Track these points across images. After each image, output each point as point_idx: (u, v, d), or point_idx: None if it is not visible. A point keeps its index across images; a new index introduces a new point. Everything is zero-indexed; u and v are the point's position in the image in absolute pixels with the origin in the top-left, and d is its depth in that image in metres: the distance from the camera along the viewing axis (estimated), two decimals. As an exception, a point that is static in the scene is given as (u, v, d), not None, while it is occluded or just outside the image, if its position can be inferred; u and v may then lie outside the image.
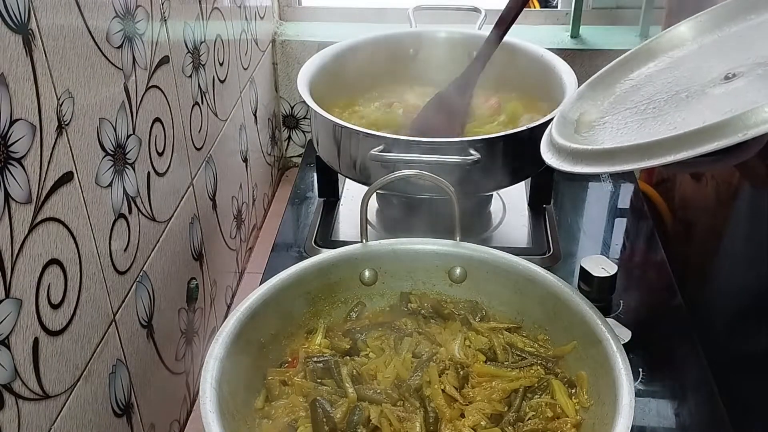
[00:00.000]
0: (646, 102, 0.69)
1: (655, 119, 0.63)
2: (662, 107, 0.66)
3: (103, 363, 0.78)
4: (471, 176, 0.92)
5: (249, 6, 1.34)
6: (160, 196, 0.93)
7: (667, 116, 0.59)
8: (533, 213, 1.11)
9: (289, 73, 1.56)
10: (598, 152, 0.62)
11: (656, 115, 0.64)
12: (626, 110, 0.71)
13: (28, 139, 0.63)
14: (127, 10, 0.82)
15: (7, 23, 0.59)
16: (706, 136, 0.51)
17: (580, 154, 0.65)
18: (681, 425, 0.79)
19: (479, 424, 0.70)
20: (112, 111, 0.79)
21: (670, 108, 0.64)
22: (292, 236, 1.10)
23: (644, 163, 0.57)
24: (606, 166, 0.61)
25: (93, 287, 0.75)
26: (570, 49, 1.44)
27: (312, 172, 1.20)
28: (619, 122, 0.69)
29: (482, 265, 0.83)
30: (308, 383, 0.75)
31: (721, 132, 0.50)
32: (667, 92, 0.68)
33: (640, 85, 0.74)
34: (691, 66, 0.70)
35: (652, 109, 0.66)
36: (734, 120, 0.50)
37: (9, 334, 0.61)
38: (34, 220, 0.64)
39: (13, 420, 0.62)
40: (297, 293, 0.81)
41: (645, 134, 0.62)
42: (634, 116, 0.68)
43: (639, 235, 1.08)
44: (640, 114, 0.67)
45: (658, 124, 0.57)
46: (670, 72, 0.72)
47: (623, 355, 0.68)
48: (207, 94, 1.11)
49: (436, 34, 1.21)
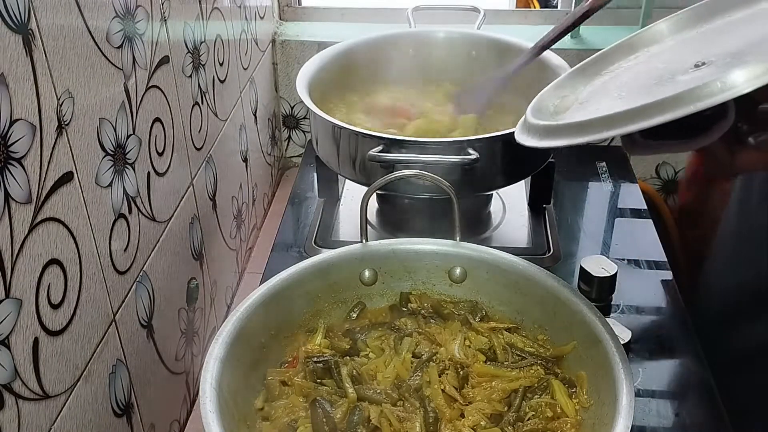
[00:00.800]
0: (619, 89, 0.71)
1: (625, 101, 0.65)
2: (633, 92, 0.68)
3: (103, 363, 0.78)
4: (471, 176, 0.92)
5: (249, 6, 1.34)
6: (160, 196, 0.93)
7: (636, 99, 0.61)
8: (533, 213, 1.11)
9: (289, 73, 1.56)
10: (564, 126, 0.66)
11: (627, 99, 0.67)
12: (601, 96, 0.73)
13: (28, 139, 0.63)
14: (127, 10, 0.82)
15: (7, 23, 0.59)
16: (662, 107, 0.54)
17: (549, 130, 0.68)
18: (681, 425, 0.79)
19: (479, 424, 0.70)
20: (112, 111, 0.79)
21: (641, 93, 0.66)
22: (292, 236, 1.10)
23: (605, 133, 0.59)
24: (570, 138, 0.64)
25: (93, 287, 0.75)
26: (570, 49, 1.43)
27: (312, 172, 1.20)
28: (592, 106, 0.71)
29: (482, 265, 0.83)
30: (308, 383, 0.75)
31: (676, 103, 0.54)
32: (640, 80, 0.71)
33: (618, 75, 0.76)
34: (666, 58, 0.73)
35: (625, 94, 0.69)
36: (687, 93, 0.53)
37: (9, 334, 0.61)
38: (34, 220, 0.64)
39: (13, 420, 0.62)
40: (297, 293, 0.81)
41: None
42: (607, 101, 0.70)
43: (639, 235, 1.08)
44: (612, 99, 0.70)
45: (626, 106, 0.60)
46: (647, 64, 0.75)
47: (623, 355, 0.68)
48: (207, 94, 1.11)
49: (436, 34, 1.21)
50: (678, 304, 0.95)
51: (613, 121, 0.59)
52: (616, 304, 0.93)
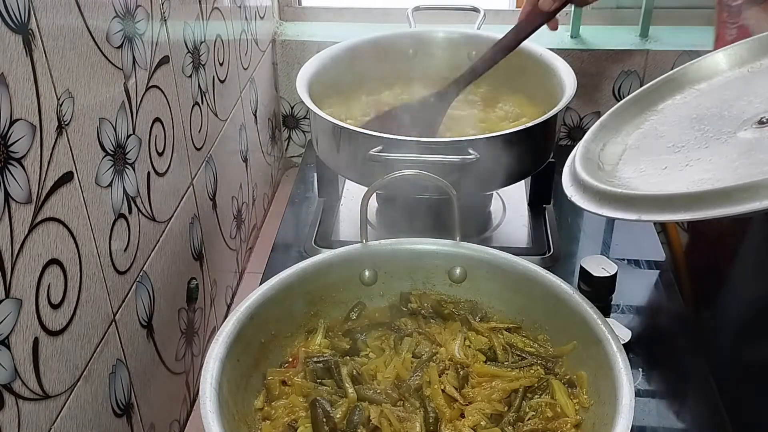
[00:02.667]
0: (673, 140, 0.65)
1: (683, 157, 0.60)
2: (690, 146, 0.62)
3: (103, 363, 0.78)
4: (471, 176, 0.92)
5: (249, 6, 1.34)
6: (160, 196, 0.93)
7: (696, 154, 0.57)
8: (533, 213, 1.11)
9: (289, 73, 1.56)
10: (624, 197, 0.60)
11: (685, 155, 0.61)
12: (652, 147, 0.67)
13: (28, 139, 0.63)
14: (127, 10, 0.82)
15: (7, 23, 0.59)
16: (755, 192, 0.49)
17: (607, 197, 0.62)
18: (681, 425, 0.79)
19: (479, 424, 0.70)
20: (112, 111, 0.79)
21: (699, 147, 0.61)
22: (292, 236, 1.10)
23: (673, 216, 0.54)
24: (630, 213, 0.58)
25: (93, 287, 0.75)
26: (570, 49, 1.43)
27: (312, 172, 1.20)
28: (644, 161, 0.66)
29: (482, 265, 0.83)
30: (308, 383, 0.75)
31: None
32: (695, 128, 0.65)
33: (667, 117, 0.71)
34: (722, 100, 0.67)
35: (681, 147, 0.63)
36: None
37: (9, 334, 0.61)
38: (34, 220, 0.64)
39: (13, 420, 0.62)
40: (297, 293, 0.81)
41: (673, 179, 0.60)
42: (659, 155, 0.65)
43: (639, 235, 1.08)
44: (668, 153, 0.64)
45: (687, 166, 0.55)
46: (698, 106, 0.68)
47: (623, 355, 0.68)
48: (207, 94, 1.11)
49: (436, 34, 1.21)
50: (678, 305, 0.95)
51: (697, 202, 0.52)
52: (616, 304, 0.93)
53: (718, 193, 0.51)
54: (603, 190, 0.62)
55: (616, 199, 0.60)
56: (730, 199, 0.50)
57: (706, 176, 0.57)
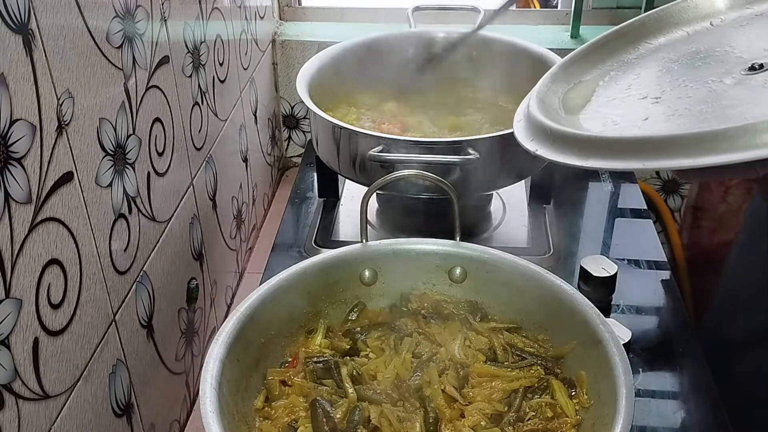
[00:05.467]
0: (650, 86, 0.58)
1: (666, 106, 0.53)
2: (673, 97, 0.55)
3: (103, 363, 0.78)
4: (471, 176, 0.92)
5: (249, 6, 1.34)
6: (160, 196, 0.93)
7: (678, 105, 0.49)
8: (533, 213, 1.11)
9: (289, 73, 1.56)
10: (595, 140, 0.50)
11: (667, 104, 0.54)
12: (627, 94, 0.59)
13: (28, 139, 0.63)
14: (127, 10, 0.82)
15: (7, 23, 0.59)
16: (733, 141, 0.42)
17: (570, 139, 0.51)
18: (681, 425, 0.79)
19: (479, 424, 0.70)
20: (112, 111, 0.79)
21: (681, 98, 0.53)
22: (292, 236, 1.10)
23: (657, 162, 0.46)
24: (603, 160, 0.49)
25: (93, 287, 0.75)
26: (570, 49, 1.43)
27: (312, 172, 1.20)
28: (620, 109, 0.58)
29: (482, 265, 0.83)
30: (308, 383, 0.75)
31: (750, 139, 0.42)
32: (676, 75, 0.58)
33: (645, 60, 0.63)
34: (711, 42, 0.59)
35: (660, 95, 0.55)
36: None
37: (9, 334, 0.61)
38: (34, 220, 0.64)
39: (13, 420, 0.62)
40: (297, 293, 0.81)
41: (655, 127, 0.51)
42: (640, 105, 0.57)
43: (639, 235, 1.08)
44: (646, 103, 0.56)
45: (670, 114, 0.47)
46: (683, 48, 0.61)
47: (623, 355, 0.68)
48: (207, 94, 1.11)
49: (436, 34, 1.21)
50: (678, 305, 0.95)
51: (675, 147, 0.44)
52: (616, 304, 0.93)
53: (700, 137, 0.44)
54: (585, 137, 0.50)
55: (607, 145, 0.49)
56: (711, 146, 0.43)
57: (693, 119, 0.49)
